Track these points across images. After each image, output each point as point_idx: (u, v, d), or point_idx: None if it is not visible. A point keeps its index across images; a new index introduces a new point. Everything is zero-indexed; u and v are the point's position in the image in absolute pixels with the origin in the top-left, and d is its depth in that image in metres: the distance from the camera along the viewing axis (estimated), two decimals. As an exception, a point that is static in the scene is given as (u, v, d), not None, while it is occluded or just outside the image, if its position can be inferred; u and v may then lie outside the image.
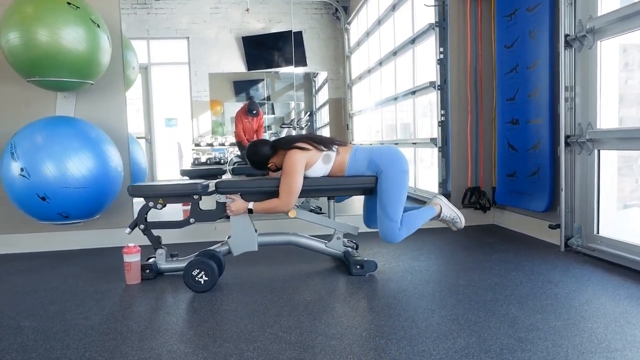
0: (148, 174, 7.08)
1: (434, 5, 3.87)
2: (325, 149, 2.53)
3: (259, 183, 2.57)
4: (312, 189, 2.63)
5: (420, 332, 1.78)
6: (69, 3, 2.78)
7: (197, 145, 7.13)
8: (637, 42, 3.29)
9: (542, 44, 3.00)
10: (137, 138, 7.19)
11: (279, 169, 2.61)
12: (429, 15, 3.95)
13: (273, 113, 7.35)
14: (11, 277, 2.73)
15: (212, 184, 2.60)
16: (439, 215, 2.68)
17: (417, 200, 4.65)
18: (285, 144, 2.54)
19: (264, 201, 2.52)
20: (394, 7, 5.58)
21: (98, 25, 2.93)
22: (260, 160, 2.59)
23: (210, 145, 7.12)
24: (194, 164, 7.00)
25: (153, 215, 2.62)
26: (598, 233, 2.71)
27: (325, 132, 7.24)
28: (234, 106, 7.21)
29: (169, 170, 6.94)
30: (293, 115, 7.11)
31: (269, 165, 2.59)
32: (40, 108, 3.27)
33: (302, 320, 1.93)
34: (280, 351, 1.66)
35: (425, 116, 5.19)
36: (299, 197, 3.27)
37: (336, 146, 2.58)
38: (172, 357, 1.64)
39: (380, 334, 1.78)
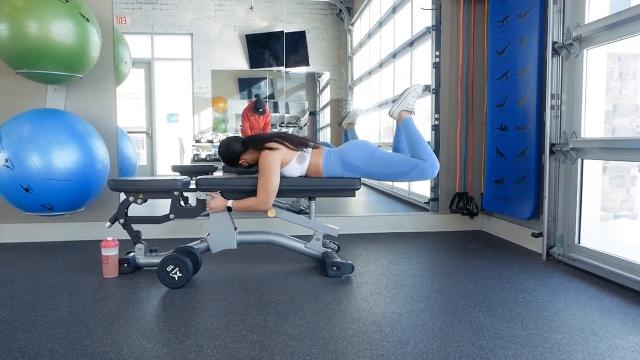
0: (148, 168, 7.14)
1: (431, 9, 3.84)
2: (298, 149, 2.55)
3: (238, 181, 2.58)
4: (295, 189, 2.64)
5: (383, 337, 1.78)
6: (58, -4, 2.80)
7: (198, 141, 7.17)
8: (632, 51, 3.26)
9: (531, 50, 2.98)
10: (139, 133, 7.26)
11: (251, 165, 2.63)
12: (428, 19, 3.93)
13: (276, 111, 7.37)
14: (-8, 266, 2.77)
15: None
16: (411, 112, 2.65)
17: (412, 204, 4.64)
18: (258, 143, 2.56)
19: (242, 199, 2.53)
20: (394, 10, 5.57)
21: (87, 20, 2.95)
22: (232, 156, 2.63)
23: (211, 142, 7.15)
24: (193, 159, 7.04)
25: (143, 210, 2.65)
26: (579, 243, 2.69)
27: (327, 133, 7.25)
28: (238, 103, 7.25)
29: (169, 166, 6.97)
30: (284, 115, 7.09)
31: (240, 162, 2.62)
32: (31, 100, 3.29)
33: (268, 320, 1.93)
34: (240, 350, 1.66)
35: (429, 119, 5.17)
36: (288, 197, 3.29)
37: (309, 147, 2.59)
38: (132, 352, 1.65)
39: (343, 336, 1.78)
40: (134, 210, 2.65)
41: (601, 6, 2.59)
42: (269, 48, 7.26)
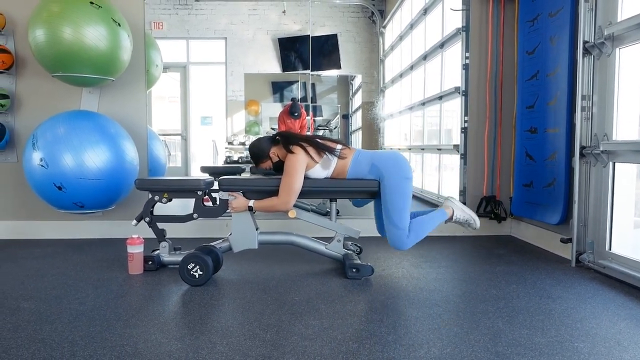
0: (182, 170, 7.31)
1: (461, 10, 3.78)
2: (325, 154, 2.53)
3: (260, 182, 2.60)
4: (314, 190, 2.64)
5: (397, 339, 1.76)
6: (91, 2, 2.91)
7: (230, 143, 7.28)
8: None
9: (562, 50, 2.89)
10: (175, 135, 7.44)
11: (278, 165, 2.61)
12: (458, 20, 3.87)
13: (309, 115, 7.40)
14: (26, 261, 2.89)
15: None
16: (451, 218, 2.64)
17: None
18: (288, 140, 2.55)
19: (264, 199, 2.55)
20: (425, 11, 5.51)
21: (119, 24, 3.05)
22: (261, 148, 2.63)
23: (243, 144, 7.25)
24: (226, 161, 7.16)
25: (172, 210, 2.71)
26: (610, 249, 2.58)
27: (358, 136, 7.23)
28: (271, 106, 7.32)
29: (201, 167, 7.07)
30: (308, 118, 7.06)
31: (270, 155, 2.61)
32: (66, 102, 3.44)
33: (283, 320, 1.94)
34: (252, 348, 1.68)
35: (458, 122, 5.09)
36: (309, 198, 3.29)
37: (339, 150, 2.56)
38: (147, 346, 1.69)
39: (356, 338, 1.77)
40: (161, 209, 2.72)
41: (636, 2, 2.49)
42: (301, 51, 7.31)
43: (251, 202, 2.55)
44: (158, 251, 2.73)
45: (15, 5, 3.41)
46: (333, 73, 7.34)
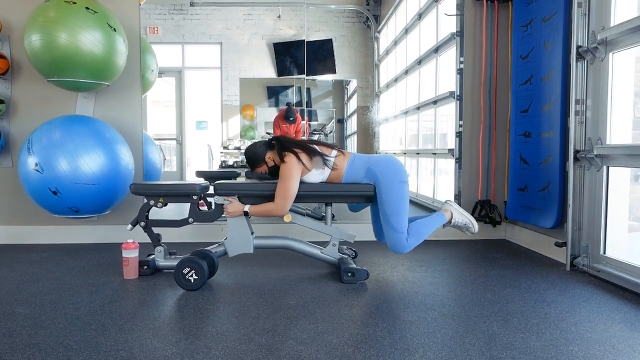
0: (178, 174, 7.30)
1: (456, 15, 3.81)
2: (315, 162, 2.54)
3: (255, 186, 2.61)
4: (309, 194, 2.65)
5: (392, 343, 1.76)
6: (87, 8, 2.92)
7: (225, 148, 7.27)
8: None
9: (556, 55, 2.91)
10: (170, 140, 7.44)
11: (273, 170, 2.62)
12: (453, 25, 3.89)
13: (305, 119, 7.41)
14: (21, 266, 2.87)
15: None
16: (450, 222, 2.65)
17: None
18: (282, 145, 2.55)
19: (260, 204, 2.55)
20: (420, 16, 5.54)
21: (114, 29, 3.06)
22: (257, 153, 2.62)
23: (238, 148, 7.24)
24: (221, 166, 7.15)
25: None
26: (604, 253, 2.59)
27: (353, 140, 7.25)
28: (267, 111, 7.33)
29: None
30: (304, 123, 7.04)
31: (266, 160, 2.60)
32: (62, 107, 3.44)
33: (278, 324, 1.94)
34: (247, 352, 1.68)
35: (453, 126, 5.10)
36: (304, 203, 3.28)
37: (333, 158, 2.57)
38: (142, 351, 1.69)
39: (351, 342, 1.77)
40: (156, 214, 2.71)
41: (629, 8, 2.51)
42: (296, 56, 7.32)
43: (247, 207, 2.55)
44: (153, 256, 2.73)
45: (11, 11, 3.41)
46: (328, 78, 7.36)
